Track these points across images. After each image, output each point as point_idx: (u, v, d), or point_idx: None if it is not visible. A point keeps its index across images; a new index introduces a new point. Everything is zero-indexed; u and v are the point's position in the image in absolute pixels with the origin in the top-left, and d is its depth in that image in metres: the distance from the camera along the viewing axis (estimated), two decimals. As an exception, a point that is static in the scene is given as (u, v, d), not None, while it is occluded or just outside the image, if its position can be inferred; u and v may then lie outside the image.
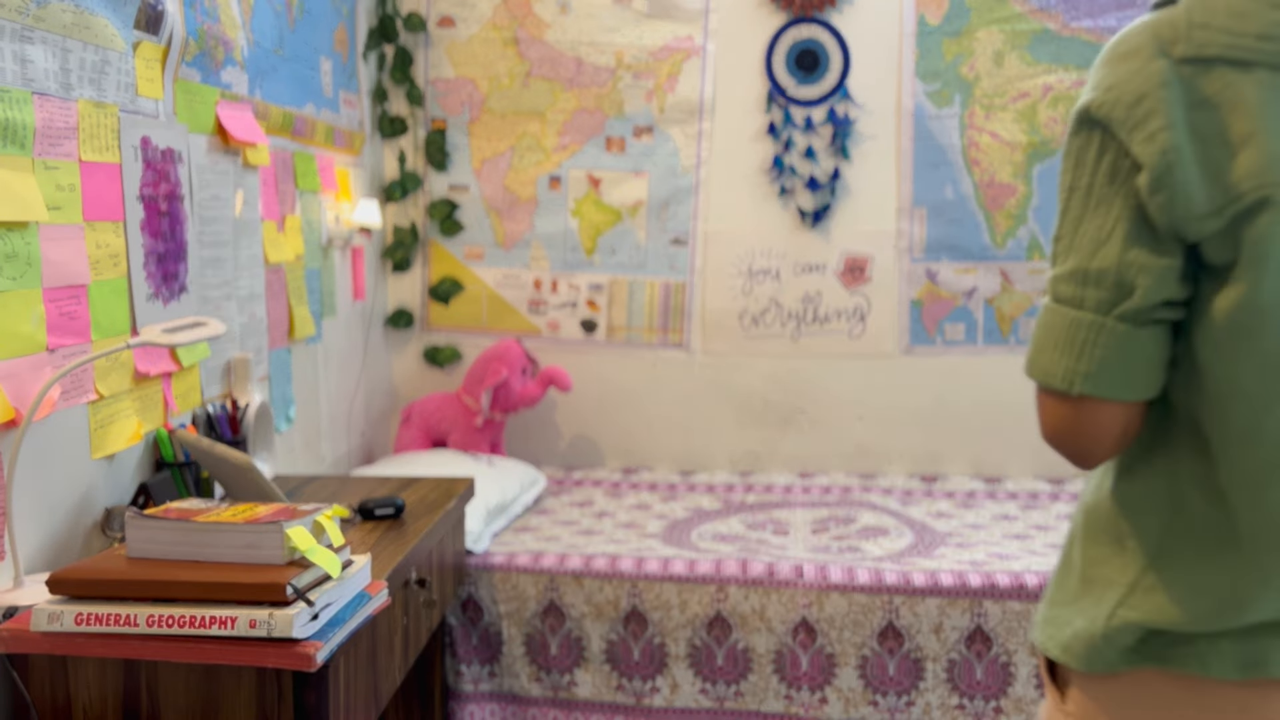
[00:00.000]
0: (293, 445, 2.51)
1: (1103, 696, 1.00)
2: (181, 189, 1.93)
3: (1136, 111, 0.88)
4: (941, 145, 3.11)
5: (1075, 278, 0.92)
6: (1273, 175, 0.84)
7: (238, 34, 2.13)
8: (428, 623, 1.95)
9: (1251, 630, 0.94)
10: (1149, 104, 0.88)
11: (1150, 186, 0.88)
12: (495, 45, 3.20)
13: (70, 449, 1.62)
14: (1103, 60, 0.94)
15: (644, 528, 2.65)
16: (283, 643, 1.25)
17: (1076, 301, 0.92)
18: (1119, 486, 0.99)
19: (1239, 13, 0.87)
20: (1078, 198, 0.93)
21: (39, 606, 1.28)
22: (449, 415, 3.06)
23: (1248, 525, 0.92)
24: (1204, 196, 0.86)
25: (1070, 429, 0.95)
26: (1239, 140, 0.85)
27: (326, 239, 2.71)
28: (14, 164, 1.46)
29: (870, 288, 3.17)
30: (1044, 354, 0.94)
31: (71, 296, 1.59)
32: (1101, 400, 0.92)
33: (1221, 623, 0.93)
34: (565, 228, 3.24)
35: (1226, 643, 0.94)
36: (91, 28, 1.62)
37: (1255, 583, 0.92)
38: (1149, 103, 0.88)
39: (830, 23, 3.11)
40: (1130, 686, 0.98)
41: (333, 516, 1.42)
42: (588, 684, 2.31)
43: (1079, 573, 1.02)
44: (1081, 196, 0.93)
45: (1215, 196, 0.86)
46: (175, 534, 1.33)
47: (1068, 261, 0.93)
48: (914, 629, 2.21)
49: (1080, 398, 0.92)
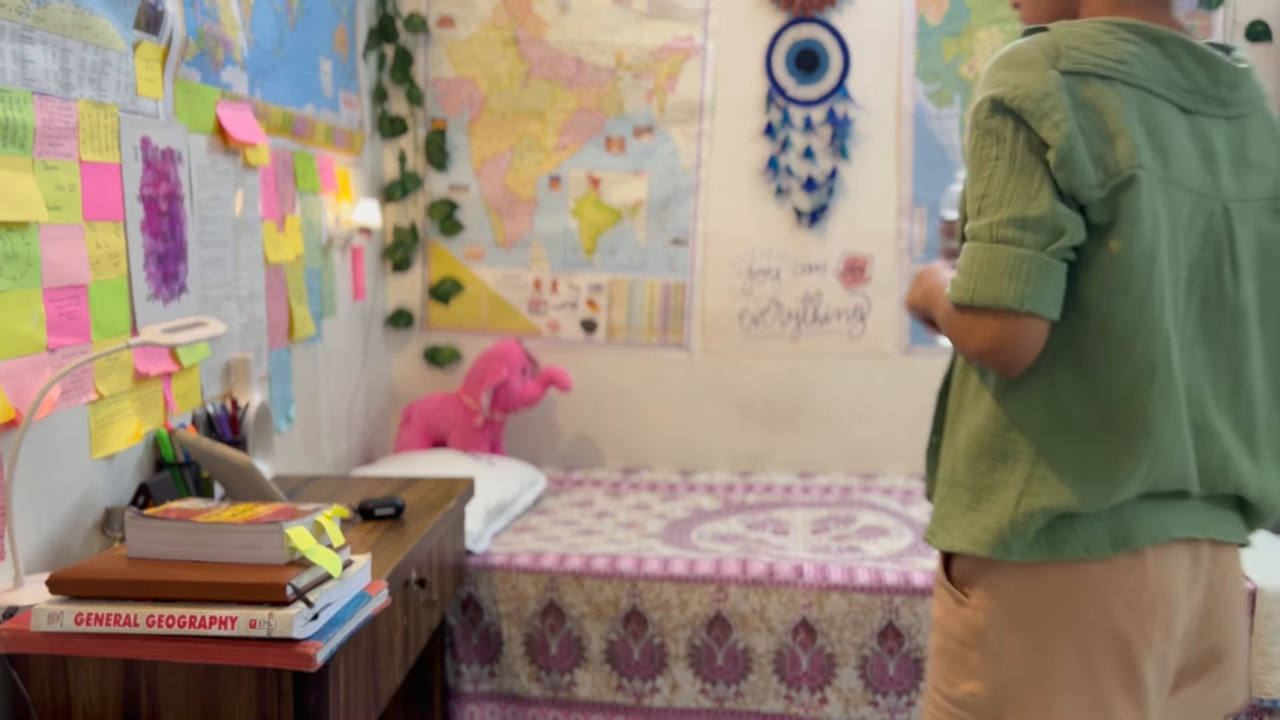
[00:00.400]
0: (293, 445, 2.51)
1: (1000, 591, 1.22)
2: (181, 189, 1.93)
3: (1043, 105, 1.14)
4: (941, 145, 3.11)
5: (1014, 224, 1.14)
6: (1138, 159, 1.13)
7: (238, 34, 2.13)
8: (428, 623, 1.95)
9: (1117, 509, 1.18)
10: (1052, 100, 1.13)
11: (1057, 163, 1.13)
12: (495, 45, 3.20)
13: (70, 449, 1.62)
14: (999, 67, 1.18)
15: (644, 528, 2.65)
16: (283, 643, 1.25)
17: (1018, 241, 1.14)
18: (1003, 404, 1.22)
19: (1099, 41, 1.16)
20: (1003, 164, 1.16)
21: (39, 606, 1.28)
22: (449, 415, 3.06)
23: (1121, 420, 1.16)
24: (1092, 172, 1.13)
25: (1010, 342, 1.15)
26: (1112, 134, 1.14)
27: (326, 239, 2.71)
28: (14, 164, 1.46)
29: (870, 288, 3.17)
30: (992, 282, 1.14)
31: (71, 296, 1.59)
32: (1038, 318, 1.14)
33: (1104, 500, 1.17)
34: (565, 228, 3.24)
35: (1099, 524, 1.18)
36: (91, 28, 1.62)
37: (1126, 462, 1.16)
38: (1052, 100, 1.13)
39: (830, 23, 3.11)
40: (1026, 579, 1.20)
41: (333, 516, 1.42)
42: (588, 684, 2.31)
43: (970, 489, 1.24)
44: (1006, 163, 1.15)
45: (1099, 173, 1.14)
46: (175, 534, 1.33)
47: (1001, 211, 1.15)
48: (914, 629, 2.21)
49: (1026, 315, 1.14)
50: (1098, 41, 1.16)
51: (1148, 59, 1.17)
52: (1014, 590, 1.21)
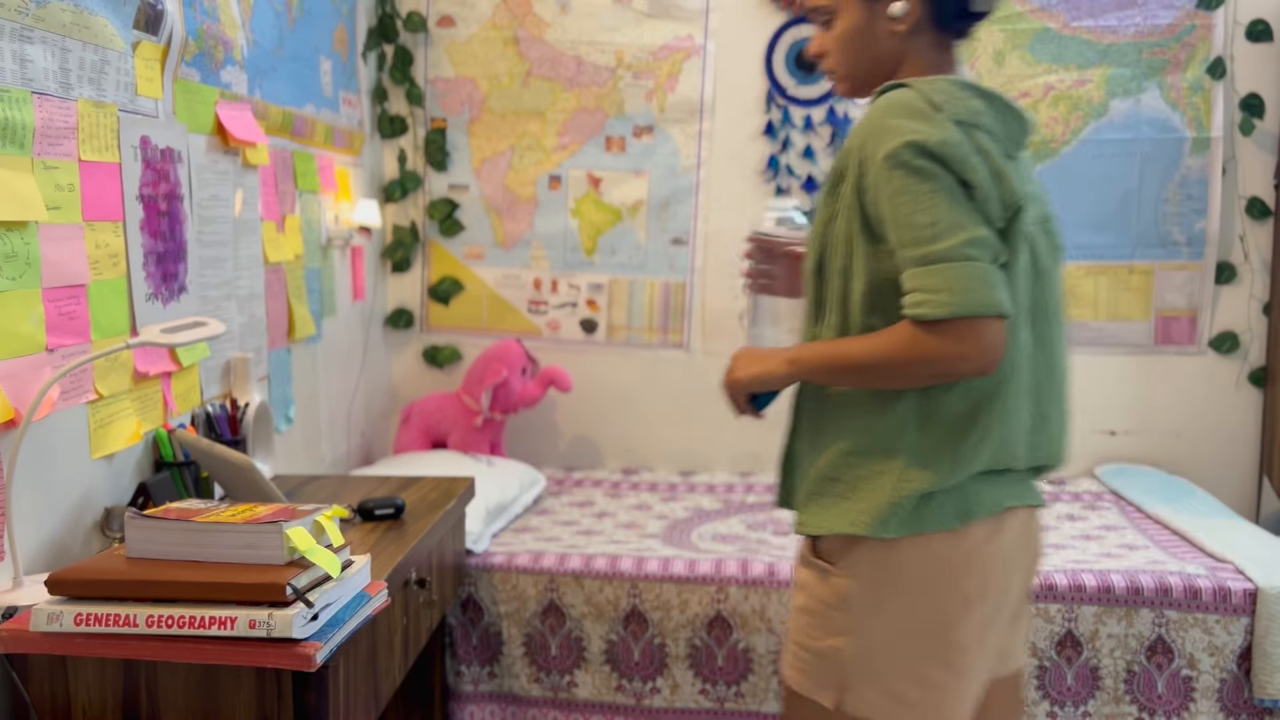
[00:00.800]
0: (292, 445, 2.51)
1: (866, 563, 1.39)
2: (181, 189, 1.93)
3: (960, 150, 1.30)
4: (942, 145, 3.11)
5: (974, 244, 1.28)
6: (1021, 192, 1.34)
7: (237, 34, 2.13)
8: (428, 623, 1.95)
9: (959, 486, 1.37)
10: (965, 147, 1.31)
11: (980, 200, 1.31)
12: (495, 45, 3.20)
13: (70, 449, 1.61)
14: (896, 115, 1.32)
15: (644, 528, 2.65)
16: (282, 643, 1.25)
17: (982, 258, 1.28)
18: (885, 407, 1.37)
19: (955, 96, 1.34)
20: (942, 196, 1.29)
21: (38, 607, 1.28)
22: (449, 415, 3.06)
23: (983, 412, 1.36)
24: (998, 206, 1.32)
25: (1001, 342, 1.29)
26: (1000, 172, 1.32)
27: (326, 239, 2.71)
28: (13, 164, 1.46)
29: (870, 288, 3.16)
30: (981, 293, 1.26)
31: (71, 296, 1.59)
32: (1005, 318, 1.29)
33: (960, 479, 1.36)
34: (565, 228, 3.24)
35: (948, 502, 1.37)
36: (91, 27, 1.62)
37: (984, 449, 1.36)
38: (965, 146, 1.31)
39: (830, 22, 3.10)
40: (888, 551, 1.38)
41: (332, 517, 1.42)
42: (588, 684, 2.31)
43: (844, 482, 1.40)
44: (945, 195, 1.29)
45: (1000, 207, 1.32)
46: (175, 534, 1.33)
47: (959, 234, 1.28)
48: (914, 629, 2.21)
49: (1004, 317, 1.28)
50: (955, 96, 1.34)
51: (988, 112, 1.37)
52: (878, 561, 1.39)
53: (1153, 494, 2.83)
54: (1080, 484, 3.04)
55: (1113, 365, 3.15)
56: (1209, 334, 3.11)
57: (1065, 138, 3.08)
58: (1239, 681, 2.17)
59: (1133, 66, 3.04)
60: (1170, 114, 3.05)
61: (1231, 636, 2.16)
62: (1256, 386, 3.11)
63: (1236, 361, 3.12)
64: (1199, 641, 2.17)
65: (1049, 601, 2.18)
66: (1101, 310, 3.14)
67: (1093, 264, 3.12)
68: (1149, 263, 3.11)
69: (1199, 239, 3.08)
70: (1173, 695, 2.18)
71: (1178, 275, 3.11)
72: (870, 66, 1.45)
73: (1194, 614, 2.17)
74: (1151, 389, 3.15)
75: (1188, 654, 2.17)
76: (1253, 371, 3.10)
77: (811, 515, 1.45)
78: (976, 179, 1.30)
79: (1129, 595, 2.17)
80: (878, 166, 1.31)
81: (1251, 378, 3.10)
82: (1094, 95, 3.06)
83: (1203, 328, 3.11)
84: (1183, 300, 3.11)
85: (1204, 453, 3.14)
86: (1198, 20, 3.02)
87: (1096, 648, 2.19)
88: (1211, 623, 2.16)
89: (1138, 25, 3.04)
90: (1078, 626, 2.19)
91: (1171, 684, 2.18)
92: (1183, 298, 3.11)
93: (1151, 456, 3.16)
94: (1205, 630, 2.16)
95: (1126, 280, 3.13)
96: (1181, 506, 2.71)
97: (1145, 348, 3.14)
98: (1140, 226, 3.10)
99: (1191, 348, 3.13)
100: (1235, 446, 3.13)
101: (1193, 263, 3.09)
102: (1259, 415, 3.12)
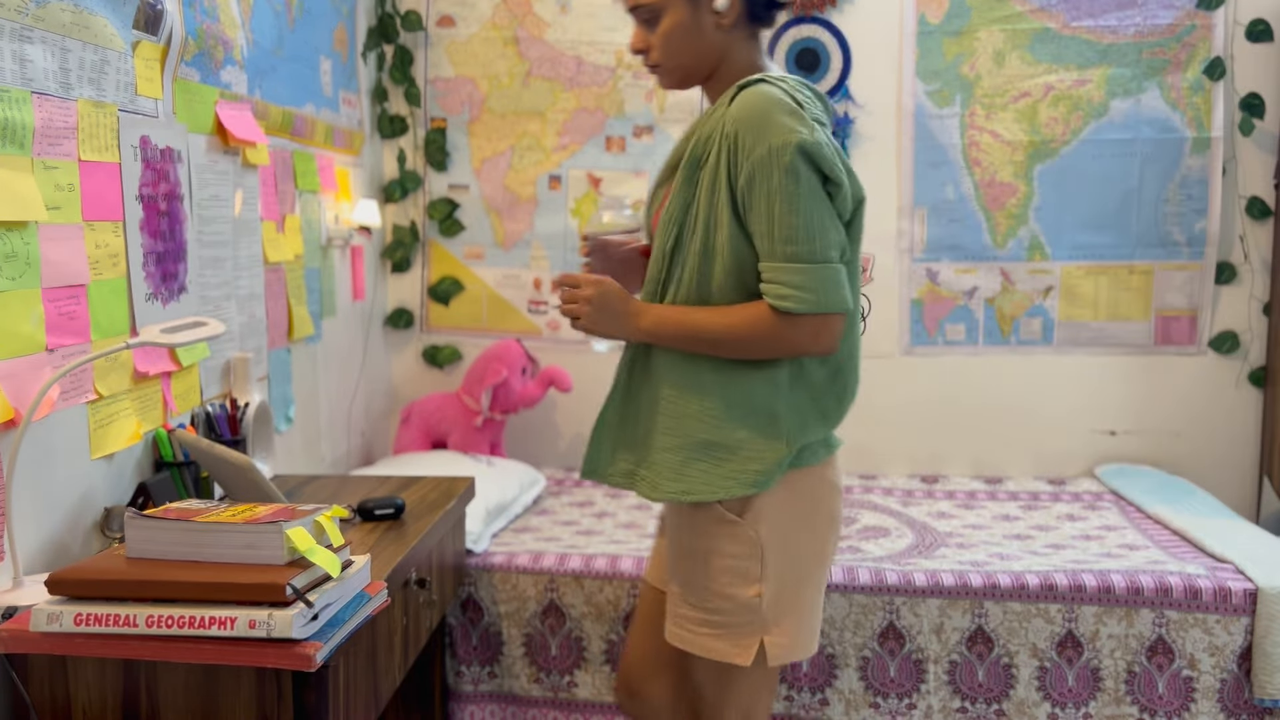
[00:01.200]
0: (292, 445, 2.51)
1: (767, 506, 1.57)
2: (181, 189, 1.93)
3: (825, 151, 1.47)
4: (942, 145, 3.11)
5: (832, 246, 1.48)
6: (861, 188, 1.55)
7: (237, 33, 2.12)
8: (428, 623, 1.95)
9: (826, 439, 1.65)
10: (830, 147, 1.48)
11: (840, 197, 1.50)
12: (495, 45, 3.20)
13: (70, 449, 1.61)
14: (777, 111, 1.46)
15: (644, 528, 2.65)
16: (282, 643, 1.24)
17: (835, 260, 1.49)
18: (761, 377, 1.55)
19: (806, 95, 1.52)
20: (813, 198, 1.47)
21: (38, 607, 1.28)
22: (449, 415, 3.06)
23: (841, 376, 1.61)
24: (849, 200, 1.52)
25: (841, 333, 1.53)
26: (848, 169, 1.52)
27: (326, 239, 2.71)
28: (13, 164, 1.46)
29: (871, 288, 3.16)
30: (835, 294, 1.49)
31: (71, 296, 1.59)
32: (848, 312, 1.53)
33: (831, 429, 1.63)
34: (565, 227, 3.24)
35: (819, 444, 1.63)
36: (91, 27, 1.62)
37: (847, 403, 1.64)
38: (829, 146, 1.48)
39: (830, 22, 3.11)
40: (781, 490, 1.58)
41: (332, 517, 1.42)
42: (588, 685, 2.31)
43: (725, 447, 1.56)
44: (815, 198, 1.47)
45: (851, 200, 1.52)
46: (175, 534, 1.33)
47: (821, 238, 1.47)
48: (915, 630, 2.21)
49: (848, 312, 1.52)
50: (807, 96, 1.52)
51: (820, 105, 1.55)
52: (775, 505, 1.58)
53: (1153, 494, 2.83)
54: (1080, 484, 3.04)
55: (1113, 365, 3.15)
56: (1209, 334, 3.11)
57: (1065, 138, 3.08)
58: (1239, 681, 2.17)
59: (1133, 66, 3.04)
60: (1170, 114, 3.05)
61: (1232, 636, 2.16)
62: (1256, 386, 3.11)
63: (1236, 361, 3.12)
64: (1199, 642, 2.17)
65: (1049, 601, 2.18)
66: (1101, 310, 3.14)
67: (1093, 264, 3.12)
68: (1149, 263, 3.11)
69: (1199, 239, 3.08)
70: (1173, 695, 2.18)
71: (1178, 275, 3.11)
72: (697, 59, 1.58)
73: (1194, 614, 2.17)
74: (1151, 389, 3.15)
75: (1188, 654, 2.17)
76: (1253, 371, 3.10)
77: (693, 482, 1.58)
78: (838, 177, 1.48)
79: (1129, 595, 2.17)
80: (757, 159, 1.46)
81: (1251, 378, 3.10)
82: (1094, 95, 3.06)
83: (1203, 328, 3.11)
84: (1183, 300, 3.11)
85: (1204, 453, 3.14)
86: (1198, 20, 3.02)
87: (1097, 648, 2.19)
88: (1212, 623, 2.16)
89: (1138, 25, 3.04)
90: (1078, 627, 2.19)
91: (1172, 684, 2.18)
92: (1183, 298, 3.11)
93: (1151, 456, 3.16)
94: (1205, 630, 2.16)
95: (1126, 280, 3.13)
96: (1182, 506, 2.71)
97: (1145, 348, 3.15)
98: (1140, 226, 3.10)
99: (1191, 348, 3.13)
100: (1235, 446, 3.13)
101: (1193, 263, 3.09)
102: (1259, 415, 3.12)
